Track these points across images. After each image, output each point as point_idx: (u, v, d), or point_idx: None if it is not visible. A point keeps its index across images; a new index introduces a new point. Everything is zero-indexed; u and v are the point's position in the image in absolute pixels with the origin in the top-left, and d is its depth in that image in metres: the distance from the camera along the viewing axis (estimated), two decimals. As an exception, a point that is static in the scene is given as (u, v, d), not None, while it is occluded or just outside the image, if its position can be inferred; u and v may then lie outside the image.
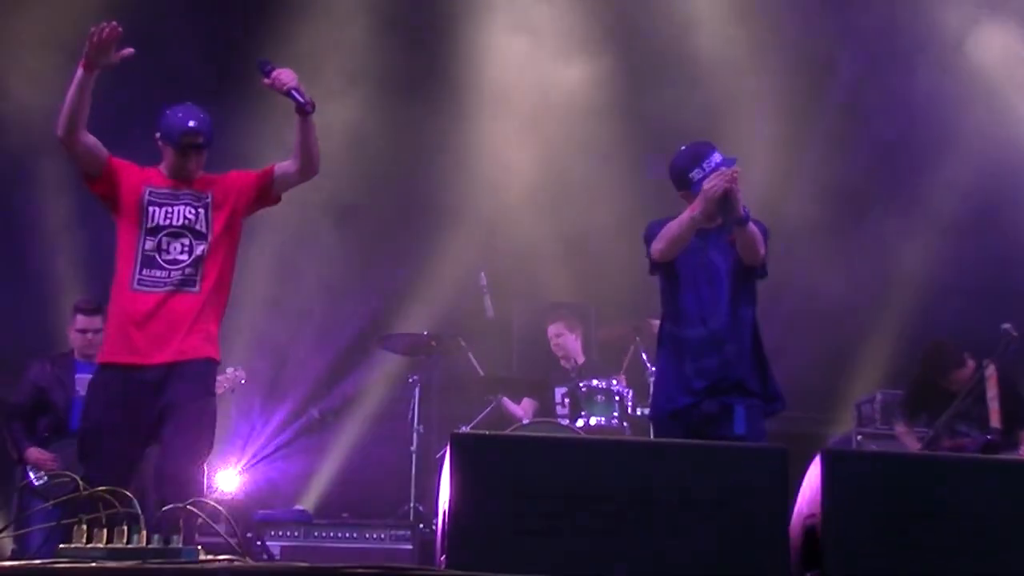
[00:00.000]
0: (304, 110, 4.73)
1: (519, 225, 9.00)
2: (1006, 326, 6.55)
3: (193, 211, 4.81)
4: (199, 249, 4.77)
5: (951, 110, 8.85)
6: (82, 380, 6.74)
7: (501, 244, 8.85)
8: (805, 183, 9.03)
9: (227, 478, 7.76)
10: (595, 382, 7.33)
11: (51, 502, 5.41)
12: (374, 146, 8.91)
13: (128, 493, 3.32)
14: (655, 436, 5.20)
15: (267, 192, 4.93)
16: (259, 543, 6.85)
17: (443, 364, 8.07)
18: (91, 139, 4.76)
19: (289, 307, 8.64)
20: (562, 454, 3.77)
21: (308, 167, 4.87)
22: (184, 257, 4.75)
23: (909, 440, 7.06)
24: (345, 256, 8.95)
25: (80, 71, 4.62)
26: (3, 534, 4.37)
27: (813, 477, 3.82)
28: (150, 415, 4.65)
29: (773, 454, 3.84)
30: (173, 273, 4.73)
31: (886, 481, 3.79)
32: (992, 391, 6.73)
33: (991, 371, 6.71)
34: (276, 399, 8.79)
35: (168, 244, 4.75)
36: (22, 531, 5.38)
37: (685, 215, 4.86)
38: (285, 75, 4.74)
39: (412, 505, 7.39)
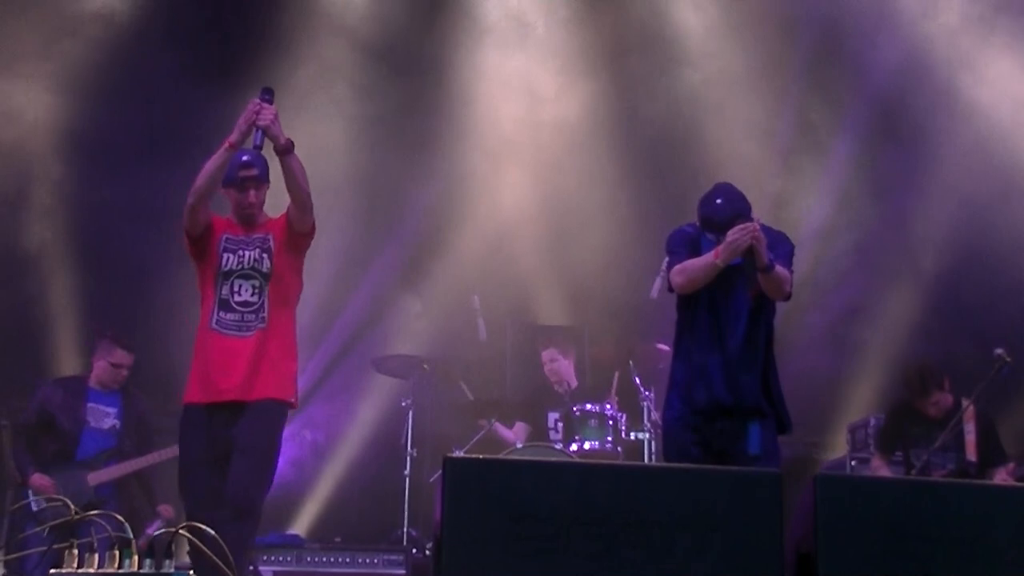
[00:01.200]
0: (255, 148, 4.83)
1: (512, 247, 9.00)
2: (999, 351, 6.58)
3: (259, 253, 5.01)
4: (267, 290, 4.97)
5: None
6: (93, 410, 6.68)
7: (494, 266, 8.85)
8: (796, 196, 9.08)
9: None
10: (588, 406, 7.31)
11: (41, 526, 5.40)
12: (367, 169, 8.92)
13: (119, 517, 3.32)
14: (666, 446, 5.18)
15: (289, 228, 5.06)
16: (251, 567, 6.81)
17: (436, 387, 8.06)
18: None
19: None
20: (556, 478, 3.76)
21: (298, 204, 5.00)
22: (254, 299, 4.96)
23: (883, 474, 7.05)
24: (338, 276, 8.94)
25: (225, 149, 4.84)
26: (-1, 558, 4.36)
27: (807, 502, 3.82)
28: (225, 446, 4.87)
29: (768, 478, 3.84)
30: (246, 316, 4.95)
31: (879, 506, 3.80)
32: (970, 426, 6.80)
33: (970, 412, 6.77)
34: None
35: (239, 286, 4.97)
36: (14, 555, 5.35)
37: (708, 259, 4.91)
38: (264, 112, 4.79)
39: (405, 529, 7.35)
